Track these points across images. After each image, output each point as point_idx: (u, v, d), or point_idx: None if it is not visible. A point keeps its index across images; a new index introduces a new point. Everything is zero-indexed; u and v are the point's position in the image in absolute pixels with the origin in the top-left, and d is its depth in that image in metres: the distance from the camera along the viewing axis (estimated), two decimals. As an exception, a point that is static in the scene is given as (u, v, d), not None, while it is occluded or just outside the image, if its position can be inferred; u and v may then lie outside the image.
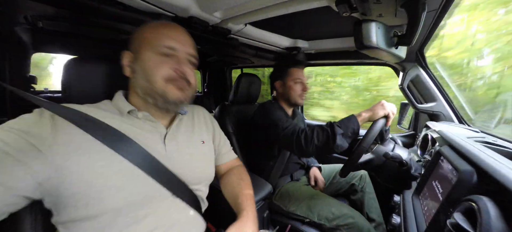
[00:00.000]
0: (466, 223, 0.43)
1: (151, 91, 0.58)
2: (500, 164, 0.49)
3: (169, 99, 0.58)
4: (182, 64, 0.60)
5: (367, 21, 0.66)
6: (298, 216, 1.10)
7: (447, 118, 1.24)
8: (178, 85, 0.59)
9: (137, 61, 0.59)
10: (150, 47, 0.58)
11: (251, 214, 0.67)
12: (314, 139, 0.94)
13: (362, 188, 1.29)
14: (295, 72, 1.25)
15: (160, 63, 0.57)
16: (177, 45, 0.60)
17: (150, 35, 0.59)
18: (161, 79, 0.57)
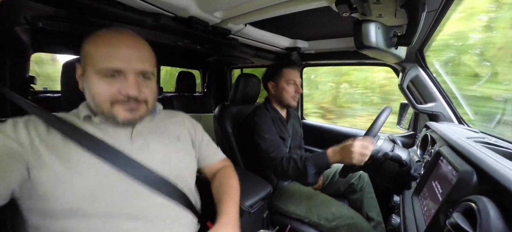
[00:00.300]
0: (466, 224, 0.43)
1: (100, 111, 0.56)
2: (500, 164, 0.49)
3: (119, 120, 0.56)
4: (128, 86, 0.54)
5: (367, 21, 0.66)
6: (297, 216, 1.10)
7: (447, 118, 1.24)
8: (126, 107, 0.56)
9: (85, 78, 0.56)
10: (94, 68, 0.53)
11: (228, 218, 0.64)
12: (289, 172, 1.01)
13: (361, 188, 1.29)
14: (288, 73, 1.22)
15: (104, 86, 0.53)
16: (123, 65, 0.54)
17: (93, 53, 0.54)
18: (106, 103, 0.54)
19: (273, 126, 1.17)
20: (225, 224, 0.63)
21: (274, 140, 1.11)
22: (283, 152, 1.09)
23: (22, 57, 1.14)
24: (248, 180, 0.91)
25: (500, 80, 1.44)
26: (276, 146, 1.10)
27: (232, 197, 0.72)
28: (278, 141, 1.13)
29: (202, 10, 0.92)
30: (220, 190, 0.74)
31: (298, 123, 1.47)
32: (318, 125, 1.97)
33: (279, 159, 1.05)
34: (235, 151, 1.35)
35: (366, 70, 3.25)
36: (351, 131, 1.76)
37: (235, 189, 0.76)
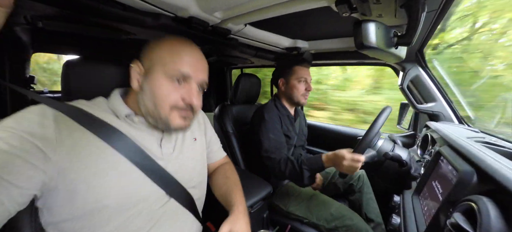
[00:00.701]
0: (466, 223, 0.43)
1: (155, 115, 0.56)
2: (500, 164, 0.49)
3: (171, 126, 0.57)
4: (192, 95, 0.57)
5: (367, 21, 0.66)
6: (297, 216, 1.10)
7: (447, 118, 1.24)
8: (182, 114, 0.58)
9: (147, 79, 0.56)
10: (163, 69, 0.55)
11: (242, 208, 0.68)
12: (286, 173, 1.04)
13: (360, 189, 1.29)
14: (300, 70, 1.22)
15: (172, 90, 0.55)
16: (193, 72, 0.57)
17: (166, 55, 0.56)
18: (166, 106, 0.55)
19: (280, 124, 1.18)
20: (242, 213, 0.66)
21: (277, 141, 1.12)
22: (283, 154, 1.10)
23: (22, 57, 1.14)
24: (248, 180, 0.91)
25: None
26: (278, 147, 1.10)
27: (240, 189, 0.76)
28: (281, 142, 1.13)
29: (202, 10, 0.92)
30: (228, 182, 0.77)
31: (304, 122, 1.47)
32: (319, 125, 1.97)
33: (278, 160, 1.07)
34: (235, 151, 1.35)
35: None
36: (350, 131, 1.76)
37: (239, 184, 0.79)
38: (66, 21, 0.89)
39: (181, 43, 0.59)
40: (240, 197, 0.72)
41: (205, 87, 0.63)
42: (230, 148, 1.36)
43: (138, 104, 0.59)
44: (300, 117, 1.41)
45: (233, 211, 0.66)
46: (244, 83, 1.45)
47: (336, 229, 1.01)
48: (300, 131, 1.35)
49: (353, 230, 0.99)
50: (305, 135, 1.44)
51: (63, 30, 0.96)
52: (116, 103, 0.59)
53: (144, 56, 0.59)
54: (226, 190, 0.75)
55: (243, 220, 0.65)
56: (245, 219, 0.65)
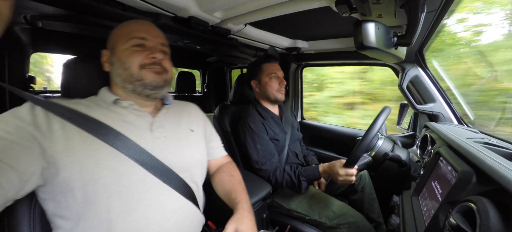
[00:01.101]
0: (465, 224, 0.43)
1: (129, 77, 0.62)
2: (499, 164, 0.49)
3: (146, 82, 0.63)
4: (155, 51, 0.64)
5: (366, 22, 0.66)
6: (299, 214, 1.10)
7: (447, 118, 1.24)
8: (153, 70, 0.63)
9: (114, 55, 0.64)
10: (123, 41, 0.63)
11: (246, 205, 0.68)
12: (283, 183, 1.06)
13: (362, 188, 1.29)
14: (268, 67, 1.22)
15: (133, 52, 0.62)
16: (147, 35, 0.65)
17: (122, 32, 0.65)
18: (136, 66, 0.62)
19: (265, 131, 1.16)
20: (245, 211, 0.66)
21: (266, 151, 1.11)
22: (275, 164, 1.11)
23: (22, 57, 1.14)
24: (248, 180, 0.91)
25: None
26: (268, 157, 1.11)
27: (244, 188, 0.77)
28: (270, 152, 1.12)
29: (202, 10, 0.92)
30: (233, 180, 0.79)
31: (293, 116, 1.45)
32: (318, 125, 1.97)
33: (271, 171, 1.09)
34: (235, 151, 1.35)
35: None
36: (350, 131, 1.76)
37: (242, 182, 0.80)
38: (66, 21, 0.89)
39: (133, 20, 0.68)
40: (245, 195, 0.73)
41: (166, 50, 0.70)
42: (230, 148, 1.36)
43: (115, 80, 0.65)
44: (287, 113, 1.37)
45: (239, 209, 0.66)
46: (244, 83, 1.45)
47: (338, 226, 1.01)
48: (292, 124, 1.33)
49: (354, 227, 0.99)
50: (297, 129, 1.43)
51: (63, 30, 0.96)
52: (103, 94, 0.65)
53: (107, 44, 0.68)
54: (231, 188, 0.75)
55: (249, 219, 0.65)
56: (250, 218, 0.65)
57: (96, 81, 0.70)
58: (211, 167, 0.86)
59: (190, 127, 0.75)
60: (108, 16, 0.84)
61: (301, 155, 1.37)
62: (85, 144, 0.53)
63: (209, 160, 0.85)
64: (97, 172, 0.52)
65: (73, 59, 0.69)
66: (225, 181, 0.79)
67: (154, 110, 0.70)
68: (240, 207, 0.67)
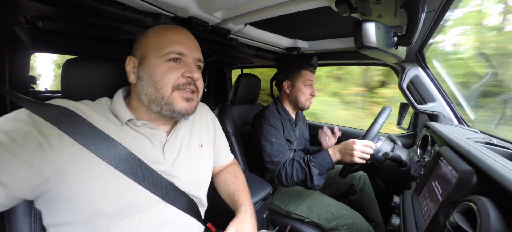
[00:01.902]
0: (466, 224, 0.43)
1: (158, 99, 0.55)
2: (500, 164, 0.49)
3: (175, 109, 0.56)
4: (192, 69, 0.58)
5: (367, 21, 0.66)
6: (297, 216, 1.10)
7: (447, 118, 1.24)
8: (186, 96, 0.58)
9: (143, 67, 0.56)
10: (157, 53, 0.55)
11: (249, 209, 0.67)
12: (293, 176, 1.01)
13: (361, 189, 1.29)
14: (308, 74, 1.20)
15: (169, 69, 0.55)
16: (185, 50, 0.58)
17: (156, 40, 0.57)
18: (169, 86, 0.55)
19: (282, 129, 1.15)
20: (249, 214, 0.66)
21: (280, 145, 1.10)
22: (287, 157, 1.08)
23: (22, 57, 1.14)
24: (249, 180, 0.91)
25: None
26: (281, 151, 1.08)
27: (248, 191, 0.76)
28: (284, 147, 1.11)
29: (202, 10, 0.92)
30: (237, 182, 0.78)
31: (305, 125, 1.46)
32: (318, 125, 1.97)
33: (282, 163, 1.05)
34: (235, 151, 1.35)
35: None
36: (351, 131, 1.76)
37: (246, 185, 0.79)
38: (66, 21, 0.89)
39: (169, 27, 0.60)
40: (248, 198, 0.72)
41: (201, 65, 0.64)
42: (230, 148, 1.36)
43: (139, 96, 0.57)
44: (301, 121, 1.39)
45: (241, 211, 0.66)
46: (244, 83, 1.45)
47: (337, 228, 1.01)
48: (300, 135, 1.33)
49: (353, 228, 0.99)
50: (305, 139, 1.43)
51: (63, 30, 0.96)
52: (118, 107, 0.57)
53: (135, 50, 0.60)
54: (234, 189, 0.75)
55: (250, 223, 0.64)
56: (252, 221, 0.65)
57: (98, 83, 0.70)
58: (215, 170, 0.84)
59: (200, 141, 0.71)
60: (108, 16, 0.84)
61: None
62: (94, 164, 0.49)
63: (216, 167, 0.83)
64: (102, 196, 0.49)
65: (74, 59, 0.69)
66: (229, 182, 0.78)
67: (170, 127, 0.66)
68: (242, 210, 0.66)
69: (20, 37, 1.04)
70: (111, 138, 0.51)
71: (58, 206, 0.48)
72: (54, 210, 0.49)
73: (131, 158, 0.53)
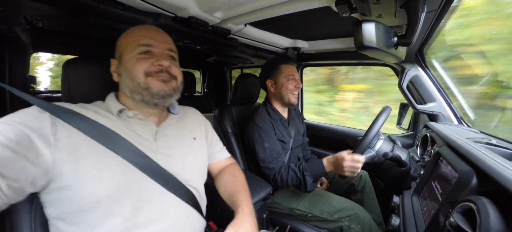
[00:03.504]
0: (466, 224, 0.43)
1: (136, 87, 0.61)
2: (500, 165, 0.49)
3: (153, 91, 0.61)
4: (161, 58, 0.63)
5: (366, 22, 0.66)
6: (300, 211, 1.10)
7: (447, 118, 1.24)
8: (160, 78, 0.62)
9: (121, 64, 0.64)
10: (129, 50, 0.62)
11: (247, 209, 0.67)
12: (288, 182, 1.06)
13: (362, 188, 1.29)
14: (287, 68, 1.21)
15: (139, 60, 0.61)
16: (153, 42, 0.63)
17: (128, 40, 0.64)
18: (141, 74, 0.61)
19: (274, 131, 1.16)
20: (247, 214, 0.66)
21: (273, 150, 1.11)
22: (281, 162, 1.10)
23: (22, 57, 1.14)
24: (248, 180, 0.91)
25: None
26: (275, 156, 1.10)
27: (247, 191, 0.76)
28: (277, 151, 1.12)
29: (202, 10, 0.92)
30: (236, 181, 0.78)
31: (300, 121, 1.46)
32: (319, 125, 1.97)
33: (277, 169, 1.08)
34: (235, 151, 1.35)
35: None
36: (351, 131, 1.76)
37: (245, 184, 0.79)
38: (66, 21, 0.89)
39: (138, 27, 0.67)
40: (246, 198, 0.72)
41: (174, 55, 0.69)
42: (230, 148, 1.36)
43: (123, 91, 0.64)
44: (295, 117, 1.39)
45: (239, 212, 0.66)
46: (244, 83, 1.45)
47: (339, 220, 1.02)
48: (296, 132, 1.33)
49: (355, 219, 1.00)
50: (302, 135, 1.43)
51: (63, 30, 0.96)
52: (109, 101, 0.64)
53: (115, 52, 0.67)
54: (234, 190, 0.75)
55: (249, 223, 0.63)
56: (250, 222, 0.64)
57: (98, 83, 0.70)
58: (214, 170, 0.86)
59: (193, 134, 0.75)
60: (108, 16, 0.84)
61: (303, 160, 1.37)
62: (90, 153, 0.52)
63: (212, 163, 0.84)
64: (98, 181, 0.51)
65: (74, 59, 0.69)
66: (228, 182, 0.79)
67: (159, 120, 0.70)
68: (240, 211, 0.66)
69: (20, 37, 1.05)
70: (104, 126, 0.56)
71: (58, 196, 0.50)
72: (55, 200, 0.51)
73: (125, 143, 0.57)
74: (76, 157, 0.50)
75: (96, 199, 0.51)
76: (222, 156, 0.87)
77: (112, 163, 0.54)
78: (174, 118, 0.73)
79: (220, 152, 0.87)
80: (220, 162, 0.86)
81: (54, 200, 0.51)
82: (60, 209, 0.52)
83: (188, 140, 0.73)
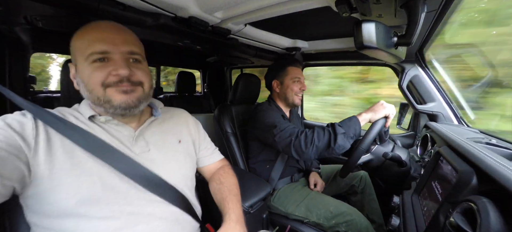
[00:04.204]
0: (466, 224, 0.43)
1: (96, 100, 0.55)
2: (500, 164, 0.49)
3: (115, 104, 0.55)
4: (118, 66, 0.54)
5: (367, 22, 0.66)
6: (297, 217, 1.10)
7: (447, 118, 1.24)
8: (121, 89, 0.55)
9: (78, 73, 0.57)
10: (82, 57, 0.55)
11: (234, 216, 0.65)
12: (314, 139, 0.91)
13: (363, 190, 1.29)
14: (293, 70, 1.24)
15: (94, 70, 0.54)
16: (108, 47, 0.54)
17: (80, 44, 0.56)
18: (98, 87, 0.54)
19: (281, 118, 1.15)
20: (234, 221, 0.64)
21: (286, 124, 1.06)
22: (297, 129, 1.01)
23: (22, 57, 1.14)
24: (248, 180, 0.91)
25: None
26: (289, 128, 1.03)
27: (235, 195, 0.73)
28: (288, 124, 1.08)
29: (202, 10, 0.92)
30: (222, 188, 0.75)
31: (299, 122, 1.47)
32: (318, 125, 1.97)
33: (296, 132, 0.97)
34: (234, 151, 1.35)
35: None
36: None
37: (237, 188, 0.77)
38: (66, 21, 0.89)
39: (90, 27, 0.57)
40: (232, 204, 0.69)
41: (138, 57, 0.60)
42: (229, 149, 1.36)
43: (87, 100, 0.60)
44: (295, 119, 1.41)
45: (225, 221, 0.64)
46: (244, 83, 1.45)
47: (337, 226, 1.01)
48: None
49: (353, 225, 0.99)
50: None
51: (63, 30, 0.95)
52: (82, 106, 0.60)
53: (71, 54, 0.59)
54: (220, 197, 0.73)
55: (236, 230, 0.63)
56: (238, 228, 0.63)
57: None
58: (206, 174, 0.83)
59: (178, 137, 0.71)
60: (109, 16, 0.84)
61: (301, 160, 1.37)
62: (67, 157, 0.51)
63: (203, 167, 0.82)
64: (77, 187, 0.50)
65: None
66: (215, 191, 0.76)
67: (138, 124, 0.65)
68: (227, 219, 0.64)
69: (20, 37, 1.04)
70: (84, 130, 0.55)
71: (36, 201, 0.50)
72: (34, 205, 0.51)
73: (104, 146, 0.55)
74: (52, 161, 0.49)
75: (74, 205, 0.49)
76: (213, 160, 0.83)
77: (91, 168, 0.52)
78: (156, 121, 0.69)
79: (211, 155, 0.83)
80: (210, 166, 0.83)
81: (32, 205, 0.50)
82: (39, 214, 0.51)
83: (172, 143, 0.69)
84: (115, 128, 0.60)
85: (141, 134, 0.63)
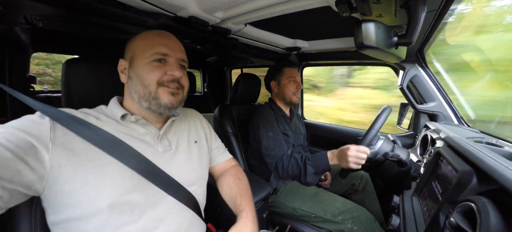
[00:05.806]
0: (466, 224, 0.43)
1: (146, 95, 0.61)
2: (500, 164, 0.49)
3: (161, 103, 0.61)
4: (174, 68, 0.63)
5: (367, 21, 0.66)
6: (304, 212, 1.11)
7: (447, 118, 1.24)
8: (170, 89, 0.62)
9: (133, 68, 0.62)
10: (143, 55, 0.61)
11: (250, 214, 0.67)
12: (289, 170, 1.09)
13: (363, 188, 1.29)
14: (289, 71, 1.30)
15: (154, 68, 0.61)
16: (168, 51, 0.63)
17: (143, 43, 0.63)
18: (154, 83, 0.60)
19: (277, 124, 1.23)
20: (250, 220, 0.66)
21: (277, 139, 1.16)
22: (284, 151, 1.14)
23: (22, 57, 1.14)
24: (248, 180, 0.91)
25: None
26: (278, 145, 1.15)
27: (251, 195, 0.76)
28: (281, 140, 1.17)
29: (202, 10, 0.92)
30: (240, 184, 0.78)
31: (300, 122, 1.49)
32: (319, 125, 1.97)
33: (279, 156, 1.12)
34: (235, 151, 1.35)
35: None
36: (352, 131, 1.76)
37: (249, 188, 0.79)
38: (66, 21, 0.89)
39: (155, 32, 0.65)
40: (250, 203, 0.72)
41: (185, 65, 0.68)
42: (230, 148, 1.36)
43: (131, 95, 0.63)
44: (295, 117, 1.44)
45: (242, 217, 0.66)
46: (244, 83, 1.45)
47: (343, 222, 1.02)
48: (297, 130, 1.37)
49: (359, 221, 1.00)
50: (303, 135, 1.46)
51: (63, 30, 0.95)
52: (112, 106, 0.63)
53: (126, 53, 0.66)
54: (237, 193, 0.75)
55: (250, 228, 0.64)
56: (252, 227, 0.65)
57: (99, 84, 0.70)
58: (216, 172, 0.85)
59: (194, 138, 0.76)
60: (109, 16, 0.84)
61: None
62: (89, 160, 0.52)
63: (214, 165, 0.84)
64: (99, 189, 0.51)
65: (74, 59, 0.69)
66: (232, 185, 0.78)
67: (162, 124, 0.69)
68: (244, 216, 0.66)
69: (20, 37, 1.05)
70: (106, 132, 0.55)
71: (59, 203, 0.50)
72: (56, 207, 0.50)
73: (127, 149, 0.56)
74: (74, 164, 0.50)
75: (96, 208, 0.50)
76: (224, 158, 0.87)
77: (114, 171, 0.53)
78: (175, 121, 0.73)
79: (222, 154, 0.87)
80: (222, 164, 0.86)
81: (55, 207, 0.51)
82: (60, 216, 0.51)
83: (190, 143, 0.73)
84: (143, 127, 0.64)
85: (165, 134, 0.67)
